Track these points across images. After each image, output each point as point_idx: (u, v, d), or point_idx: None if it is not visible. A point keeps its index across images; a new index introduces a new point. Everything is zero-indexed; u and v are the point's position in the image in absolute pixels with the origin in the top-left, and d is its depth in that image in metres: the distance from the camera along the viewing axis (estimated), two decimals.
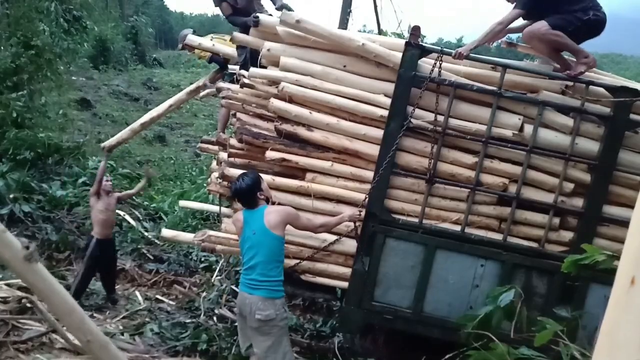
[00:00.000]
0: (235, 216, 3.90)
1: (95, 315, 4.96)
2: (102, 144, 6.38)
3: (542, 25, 3.87)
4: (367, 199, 3.96)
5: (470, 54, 3.92)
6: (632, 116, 3.85)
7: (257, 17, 4.29)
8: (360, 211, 3.95)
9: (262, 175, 4.04)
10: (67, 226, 6.69)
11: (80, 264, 6.03)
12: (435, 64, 3.87)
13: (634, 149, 3.93)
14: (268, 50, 4.10)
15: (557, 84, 4.07)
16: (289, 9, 4.00)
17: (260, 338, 3.59)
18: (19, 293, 5.06)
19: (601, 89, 3.93)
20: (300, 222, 3.78)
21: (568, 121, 3.95)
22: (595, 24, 3.98)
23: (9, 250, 3.03)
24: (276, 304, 3.59)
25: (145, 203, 9.11)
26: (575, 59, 4.07)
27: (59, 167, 9.53)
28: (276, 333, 3.59)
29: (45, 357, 4.20)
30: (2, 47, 10.35)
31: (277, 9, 4.12)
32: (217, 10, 6.16)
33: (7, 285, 5.22)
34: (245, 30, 4.78)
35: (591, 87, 3.89)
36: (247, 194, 3.66)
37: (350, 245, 4.10)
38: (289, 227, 3.76)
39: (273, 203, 3.87)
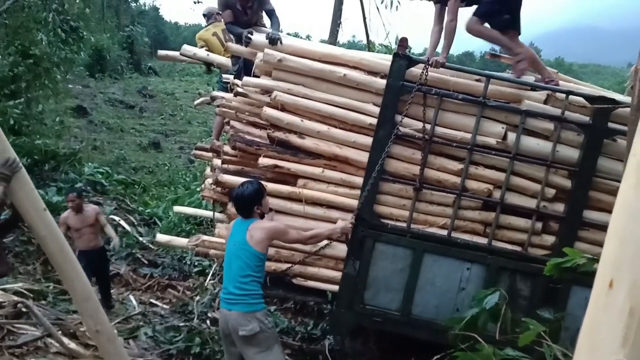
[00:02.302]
0: (231, 223, 3.89)
1: None
2: None
3: (470, 20, 4.05)
4: (359, 208, 4.05)
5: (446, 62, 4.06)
6: (610, 124, 3.99)
7: (250, 38, 4.43)
8: (352, 223, 4.02)
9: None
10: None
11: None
12: (422, 74, 4.00)
13: (613, 156, 4.05)
14: (261, 60, 4.22)
15: (538, 93, 4.22)
16: (276, 42, 4.22)
17: (252, 349, 3.49)
18: (15, 298, 5.13)
19: (580, 99, 4.08)
20: (289, 237, 3.73)
21: (549, 127, 4.09)
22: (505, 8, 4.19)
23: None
24: (257, 317, 3.50)
25: (140, 208, 9.16)
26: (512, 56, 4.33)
27: (55, 173, 9.60)
28: (265, 343, 3.50)
29: None
30: (0, 56, 10.44)
31: (267, 38, 4.28)
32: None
33: (3, 290, 5.28)
34: (240, 40, 4.91)
35: (571, 96, 4.04)
36: (245, 203, 3.65)
37: (340, 249, 4.20)
38: None
39: (262, 216, 3.80)
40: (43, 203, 3.39)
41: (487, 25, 4.30)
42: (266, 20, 5.45)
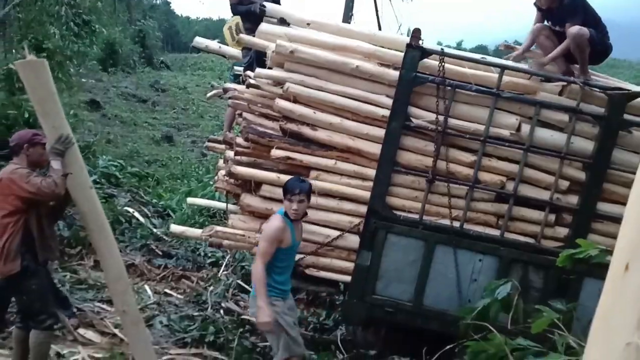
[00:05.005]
0: (283, 225, 3.65)
1: (105, 307, 5.09)
2: None
3: (586, 32, 4.07)
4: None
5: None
6: (626, 116, 3.97)
7: (264, 6, 4.46)
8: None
9: (267, 172, 4.20)
10: (78, 223, 6.83)
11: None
12: (439, 65, 3.99)
13: (627, 148, 4.04)
14: (273, 52, 4.24)
15: (553, 84, 4.21)
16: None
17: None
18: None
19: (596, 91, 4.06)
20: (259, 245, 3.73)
21: (564, 118, 4.08)
22: (606, 52, 4.37)
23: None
24: None
25: (154, 201, 9.24)
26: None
27: None
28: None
29: None
30: (14, 50, 10.54)
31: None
32: (222, 14, 6.26)
33: None
34: (247, 18, 4.96)
35: (586, 88, 4.02)
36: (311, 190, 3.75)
37: (352, 240, 4.22)
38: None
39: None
40: (90, 181, 3.55)
41: None
42: None
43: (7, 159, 4.28)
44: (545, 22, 4.54)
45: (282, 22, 4.56)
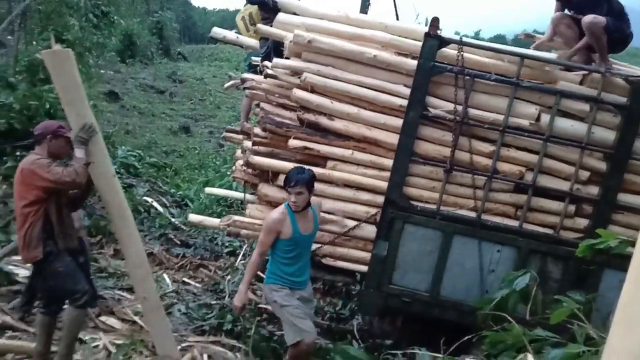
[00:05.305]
0: (281, 217, 3.67)
1: (126, 295, 5.18)
2: None
3: (600, 20, 4.03)
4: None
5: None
6: None
7: (276, 2, 4.47)
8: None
9: (284, 162, 4.21)
10: (98, 212, 6.93)
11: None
12: (458, 54, 3.96)
13: None
14: (291, 42, 4.24)
15: (574, 73, 4.15)
16: None
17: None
18: None
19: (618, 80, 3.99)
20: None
21: (585, 108, 4.02)
22: (626, 40, 4.31)
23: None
24: None
25: (172, 190, 9.34)
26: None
27: None
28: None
29: None
30: (34, 42, 10.67)
31: None
32: (238, 5, 6.29)
33: None
34: (262, 8, 4.96)
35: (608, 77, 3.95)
36: (312, 181, 3.65)
37: (369, 230, 4.23)
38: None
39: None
40: (113, 170, 3.61)
41: None
42: None
43: (29, 148, 4.36)
44: (566, 11, 4.46)
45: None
